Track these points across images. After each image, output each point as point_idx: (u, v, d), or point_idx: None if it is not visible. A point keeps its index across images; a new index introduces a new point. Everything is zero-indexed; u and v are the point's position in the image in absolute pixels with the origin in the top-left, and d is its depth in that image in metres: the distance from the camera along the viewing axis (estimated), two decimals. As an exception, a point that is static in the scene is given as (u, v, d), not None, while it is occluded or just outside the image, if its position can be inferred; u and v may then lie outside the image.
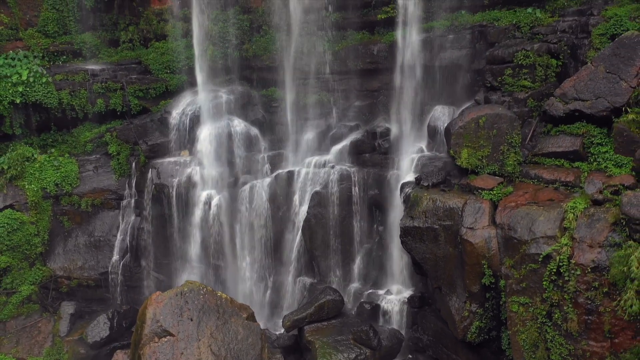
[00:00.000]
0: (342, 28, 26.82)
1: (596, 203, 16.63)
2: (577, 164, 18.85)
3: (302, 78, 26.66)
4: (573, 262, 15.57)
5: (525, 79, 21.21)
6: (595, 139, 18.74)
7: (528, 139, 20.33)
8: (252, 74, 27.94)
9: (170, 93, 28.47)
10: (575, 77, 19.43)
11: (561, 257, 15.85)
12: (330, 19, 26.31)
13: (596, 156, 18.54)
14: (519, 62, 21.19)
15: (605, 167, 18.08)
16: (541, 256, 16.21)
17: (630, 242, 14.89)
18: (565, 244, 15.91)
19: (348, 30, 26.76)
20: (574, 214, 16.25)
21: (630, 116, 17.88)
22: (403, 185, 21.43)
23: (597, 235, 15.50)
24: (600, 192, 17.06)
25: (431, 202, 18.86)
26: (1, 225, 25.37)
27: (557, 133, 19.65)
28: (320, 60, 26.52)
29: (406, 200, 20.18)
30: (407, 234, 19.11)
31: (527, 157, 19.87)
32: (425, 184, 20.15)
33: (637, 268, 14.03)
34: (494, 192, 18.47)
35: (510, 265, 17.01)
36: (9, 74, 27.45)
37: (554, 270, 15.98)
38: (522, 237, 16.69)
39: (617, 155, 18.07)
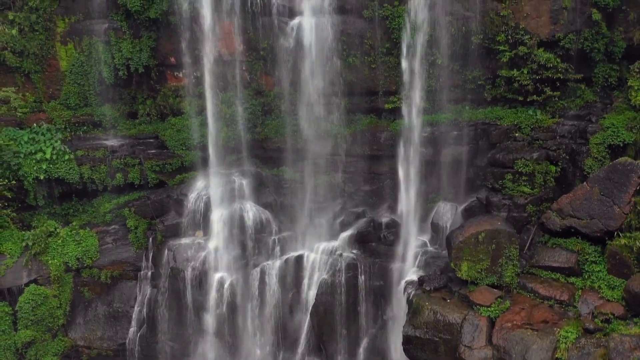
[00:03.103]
0: (351, 112, 27.83)
1: (587, 332, 17.64)
2: (571, 279, 19.86)
3: (312, 160, 27.74)
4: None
5: (524, 185, 22.19)
6: (589, 257, 19.73)
7: (526, 247, 21.33)
8: (263, 153, 29.05)
9: (185, 168, 29.74)
10: (572, 194, 20.40)
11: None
12: (340, 104, 27.34)
13: (590, 274, 19.56)
14: (519, 170, 22.18)
15: (599, 287, 19.09)
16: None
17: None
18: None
19: (357, 114, 27.79)
20: (565, 345, 17.26)
21: (623, 241, 18.85)
22: (407, 285, 22.57)
23: (587, 370, 16.50)
24: (593, 316, 18.05)
25: (432, 313, 19.96)
26: (26, 301, 26.88)
27: (554, 246, 20.66)
28: (330, 144, 27.57)
29: (409, 303, 21.30)
30: (409, 342, 20.25)
31: (524, 267, 20.89)
32: (428, 288, 21.27)
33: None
34: (492, 308, 19.52)
35: (505, 386, 18.03)
36: (33, 151, 28.93)
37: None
38: (516, 362, 17.70)
39: (610, 277, 19.07)
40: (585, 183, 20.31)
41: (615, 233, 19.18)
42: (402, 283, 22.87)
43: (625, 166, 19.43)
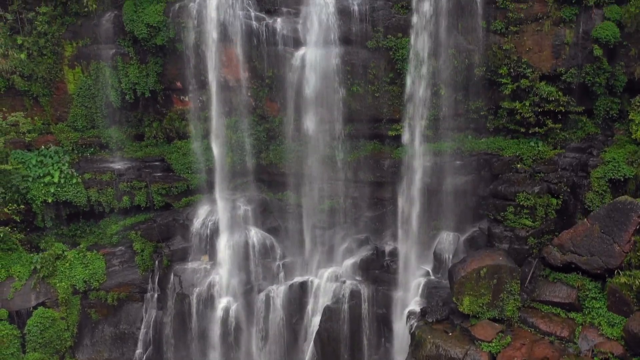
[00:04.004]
0: (355, 137, 28.12)
1: (586, 371, 17.96)
2: (572, 314, 20.17)
3: (316, 185, 28.08)
4: None
5: (526, 217, 22.48)
6: (590, 293, 20.03)
7: (527, 280, 21.63)
8: (268, 178, 29.40)
9: (191, 191, 30.10)
10: (572, 230, 20.70)
11: None
12: (344, 130, 27.64)
13: (590, 310, 19.85)
14: (520, 203, 22.46)
15: (599, 323, 19.39)
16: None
17: None
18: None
19: (360, 140, 28.08)
20: (564, 385, 17.60)
21: (622, 279, 19.14)
22: (409, 315, 22.91)
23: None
24: (592, 354, 18.36)
25: (434, 347, 20.30)
26: (34, 324, 27.31)
27: (555, 280, 20.96)
28: (334, 169, 27.90)
29: (412, 335, 21.65)
30: (412, 375, 20.59)
31: (525, 301, 21.20)
32: (430, 319, 21.61)
33: None
34: (493, 344, 19.86)
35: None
36: (41, 174, 29.35)
37: None
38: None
39: (610, 313, 19.37)
40: (586, 220, 20.60)
41: (615, 271, 19.46)
42: (405, 313, 23.22)
43: (625, 205, 19.72)
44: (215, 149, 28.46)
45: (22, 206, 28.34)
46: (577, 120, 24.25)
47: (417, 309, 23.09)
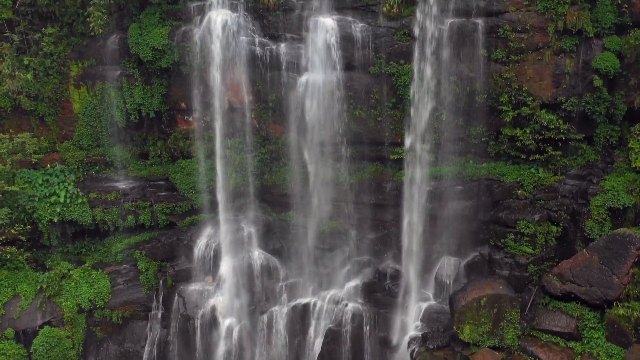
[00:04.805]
0: (357, 159, 28.40)
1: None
2: (571, 344, 20.45)
3: (318, 206, 28.34)
4: None
5: (526, 245, 22.76)
6: (589, 323, 20.30)
7: (527, 308, 21.89)
8: (271, 198, 29.68)
9: (195, 210, 30.41)
10: (572, 260, 20.96)
11: None
12: (346, 153, 27.93)
13: (589, 339, 20.13)
14: (521, 230, 22.73)
15: (598, 354, 19.66)
16: None
17: None
18: None
19: (363, 162, 28.36)
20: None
21: (621, 311, 19.40)
22: (410, 340, 23.21)
23: None
24: (590, 386, 18.63)
25: (435, 375, 20.61)
26: (41, 343, 27.68)
27: (554, 309, 21.23)
28: (337, 190, 28.19)
29: (413, 361, 21.92)
30: (413, 402, 20.89)
31: (525, 329, 21.46)
32: (431, 346, 21.93)
33: None
34: (493, 373, 20.14)
35: None
36: (47, 194, 29.73)
37: None
38: None
39: (609, 344, 19.65)
40: (585, 250, 20.87)
41: (614, 302, 19.72)
42: (406, 338, 23.51)
43: (624, 237, 19.98)
44: (219, 169, 28.78)
45: (29, 226, 28.69)
46: (577, 147, 24.49)
47: (419, 334, 23.39)
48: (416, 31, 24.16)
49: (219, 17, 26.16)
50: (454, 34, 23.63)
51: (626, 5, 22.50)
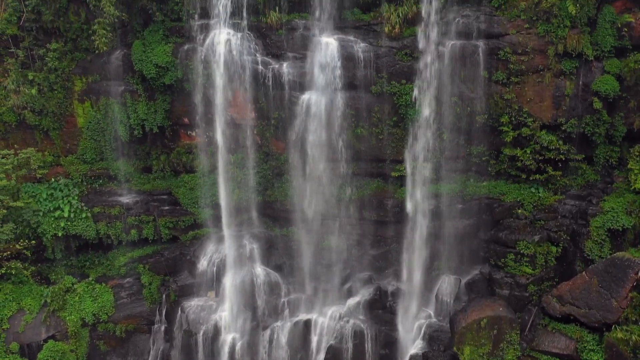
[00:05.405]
0: (359, 175, 28.63)
1: None
2: (570, 365, 20.62)
3: (320, 222, 28.58)
4: None
5: (526, 265, 22.98)
6: (588, 345, 20.52)
7: (527, 329, 22.10)
8: (273, 213, 29.91)
9: (197, 225, 30.67)
10: (571, 282, 21.17)
11: None
12: (348, 170, 28.14)
13: (588, 362, 20.30)
14: (521, 250, 22.93)
15: (596, 376, 19.85)
16: None
17: None
18: None
19: (364, 178, 28.59)
20: None
21: (620, 334, 19.61)
22: (411, 359, 23.35)
23: None
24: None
25: (435, 396, 20.83)
26: (45, 358, 27.90)
27: (554, 330, 21.44)
28: (338, 206, 28.43)
29: (413, 381, 22.14)
30: (413, 423, 21.12)
31: (525, 349, 21.70)
32: (431, 365, 22.11)
33: None
34: (493, 395, 20.36)
35: None
36: (52, 209, 29.97)
37: None
38: None
39: (607, 367, 19.81)
40: (584, 273, 21.08)
41: (613, 325, 19.92)
42: (407, 357, 23.70)
43: (623, 262, 20.18)
44: (222, 185, 29.02)
45: (34, 241, 28.96)
46: (577, 167, 24.70)
47: (420, 352, 23.62)
48: (418, 52, 24.36)
49: (222, 36, 26.41)
50: (455, 55, 23.85)
51: (626, 29, 22.70)
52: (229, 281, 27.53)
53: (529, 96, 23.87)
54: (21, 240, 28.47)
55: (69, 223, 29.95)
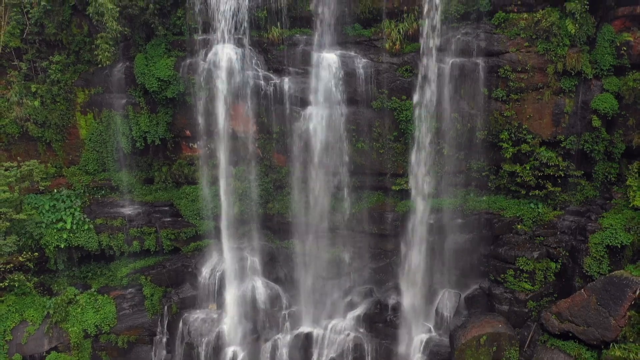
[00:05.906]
0: (359, 188, 28.81)
1: None
2: (568, 382, 20.82)
3: (321, 234, 28.75)
4: None
5: (525, 281, 23.16)
6: (586, 362, 20.68)
7: (526, 345, 22.31)
8: (274, 226, 30.10)
9: (199, 236, 30.85)
10: (570, 300, 21.35)
11: None
12: (349, 183, 28.32)
13: (586, 379, 20.48)
14: (520, 267, 23.11)
15: (594, 394, 20.03)
16: None
17: None
18: None
19: (365, 191, 28.77)
20: None
21: (618, 352, 19.80)
22: (411, 374, 23.56)
23: None
24: None
25: (435, 413, 21.03)
26: (47, 369, 28.23)
27: (553, 347, 21.64)
28: (339, 219, 28.61)
29: (414, 397, 22.34)
30: None
31: (524, 366, 21.89)
32: (431, 381, 22.31)
33: None
34: (492, 412, 20.55)
35: None
36: (54, 220, 30.17)
37: None
38: None
39: (605, 384, 19.99)
40: (583, 290, 21.26)
41: (611, 343, 20.10)
42: (407, 371, 23.92)
43: (621, 280, 20.36)
44: (223, 197, 29.19)
45: (36, 253, 29.16)
46: (577, 183, 24.86)
47: (419, 367, 23.86)
48: (418, 68, 24.54)
49: (224, 51, 26.58)
50: (455, 72, 24.03)
51: (625, 48, 22.87)
52: (230, 293, 27.74)
53: (529, 113, 24.05)
54: (24, 252, 28.69)
55: (71, 235, 30.16)
